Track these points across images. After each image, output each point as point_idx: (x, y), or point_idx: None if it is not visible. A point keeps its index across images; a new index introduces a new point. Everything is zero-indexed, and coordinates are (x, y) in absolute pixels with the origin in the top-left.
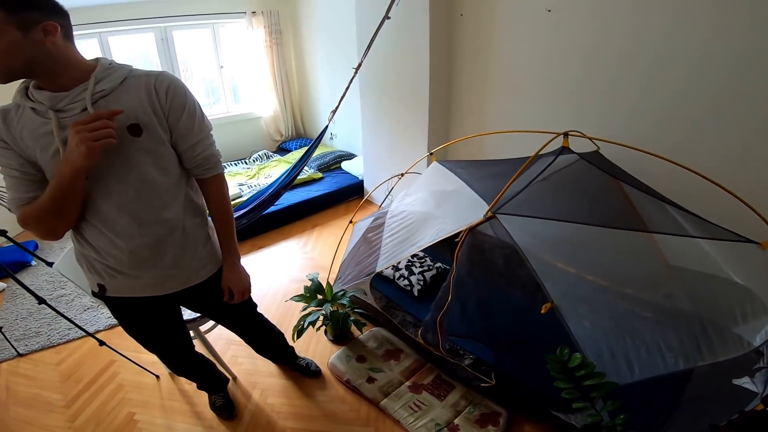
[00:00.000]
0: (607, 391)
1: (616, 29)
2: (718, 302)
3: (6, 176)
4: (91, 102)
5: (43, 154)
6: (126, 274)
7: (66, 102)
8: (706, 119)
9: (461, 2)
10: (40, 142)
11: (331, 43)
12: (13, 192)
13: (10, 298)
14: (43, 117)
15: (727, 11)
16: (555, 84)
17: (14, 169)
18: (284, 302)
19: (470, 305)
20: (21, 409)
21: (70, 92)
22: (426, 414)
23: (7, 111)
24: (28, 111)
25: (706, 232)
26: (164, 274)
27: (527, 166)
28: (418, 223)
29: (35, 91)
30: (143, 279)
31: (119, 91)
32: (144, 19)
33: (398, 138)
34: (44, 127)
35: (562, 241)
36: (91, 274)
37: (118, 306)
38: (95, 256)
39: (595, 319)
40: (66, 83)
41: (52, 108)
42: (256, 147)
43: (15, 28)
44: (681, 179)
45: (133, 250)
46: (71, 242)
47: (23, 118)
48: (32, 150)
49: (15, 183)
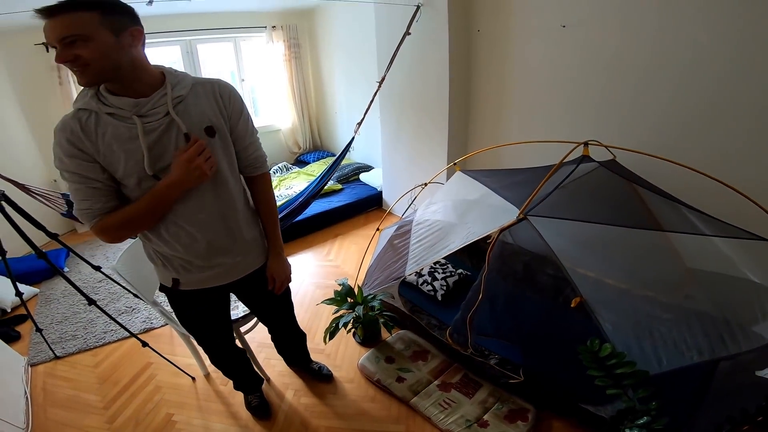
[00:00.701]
0: (638, 380)
1: (629, 43)
2: (737, 302)
3: (84, 187)
4: (172, 107)
5: (127, 160)
6: (200, 266)
7: (148, 107)
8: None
9: (478, 19)
10: (126, 147)
11: (347, 57)
12: (90, 203)
13: (44, 303)
14: (125, 122)
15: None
16: (568, 96)
17: (96, 180)
18: (311, 308)
19: (499, 304)
20: (59, 411)
21: (150, 98)
22: (456, 411)
23: (79, 119)
24: (105, 117)
25: (721, 231)
26: (232, 262)
27: (553, 173)
28: (446, 229)
29: (112, 96)
30: (215, 269)
31: (191, 96)
32: (171, 32)
33: (418, 149)
34: (129, 132)
35: (582, 246)
36: (166, 269)
37: (185, 299)
38: (172, 252)
39: (617, 322)
40: (142, 89)
41: (136, 114)
42: (276, 159)
43: (109, 30)
44: (689, 180)
45: (210, 241)
46: (112, 246)
47: (102, 124)
48: (116, 156)
49: (95, 194)
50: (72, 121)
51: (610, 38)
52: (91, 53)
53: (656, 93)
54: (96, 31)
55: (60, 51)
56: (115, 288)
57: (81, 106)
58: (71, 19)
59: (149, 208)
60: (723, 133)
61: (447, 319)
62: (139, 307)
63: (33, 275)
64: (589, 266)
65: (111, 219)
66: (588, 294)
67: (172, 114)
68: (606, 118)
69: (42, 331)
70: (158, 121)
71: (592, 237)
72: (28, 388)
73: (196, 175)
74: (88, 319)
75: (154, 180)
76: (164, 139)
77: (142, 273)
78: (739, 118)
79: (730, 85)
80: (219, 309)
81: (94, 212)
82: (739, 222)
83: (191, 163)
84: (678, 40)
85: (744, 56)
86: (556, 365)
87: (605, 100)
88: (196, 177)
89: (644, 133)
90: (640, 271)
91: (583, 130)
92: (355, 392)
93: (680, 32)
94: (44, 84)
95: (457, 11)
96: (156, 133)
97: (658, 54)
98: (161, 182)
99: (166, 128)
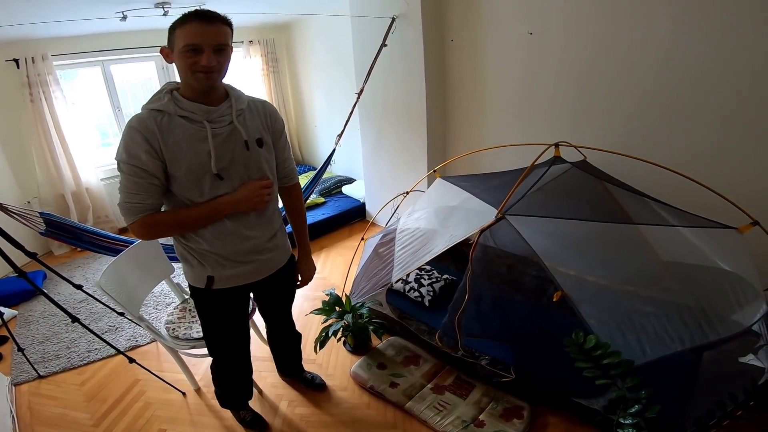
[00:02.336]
0: (625, 369)
1: (586, 47)
2: (713, 291)
3: (144, 182)
4: (236, 117)
5: (193, 158)
6: (237, 262)
7: (217, 115)
8: (671, 121)
9: (451, 29)
10: (194, 147)
11: (325, 70)
12: (143, 197)
13: (24, 324)
14: (195, 125)
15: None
16: (541, 100)
17: (156, 177)
18: (300, 319)
19: (485, 304)
20: (48, 429)
21: (218, 107)
22: (452, 412)
23: (155, 118)
24: (178, 119)
25: (688, 222)
26: (266, 258)
27: (527, 174)
28: (428, 235)
29: (188, 101)
30: (249, 264)
31: (248, 111)
32: (145, 48)
33: (398, 159)
34: (198, 134)
35: (562, 245)
36: (202, 267)
37: (216, 299)
38: (210, 248)
39: (600, 317)
40: (214, 99)
41: (207, 120)
42: None
43: (231, 45)
44: (658, 177)
45: (254, 237)
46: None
47: (174, 125)
48: (183, 154)
49: (151, 189)
50: (148, 120)
51: (576, 44)
52: (226, 61)
53: (626, 95)
54: (229, 44)
55: (209, 56)
56: (97, 308)
57: (158, 107)
58: (223, 30)
59: (204, 216)
60: (690, 131)
61: (435, 323)
62: (123, 325)
63: (11, 297)
64: (569, 264)
65: (161, 217)
66: (570, 291)
67: (236, 123)
68: (579, 120)
69: (24, 351)
70: (224, 128)
71: (571, 236)
72: (14, 408)
73: (255, 202)
74: (71, 338)
75: (215, 178)
76: (228, 143)
77: (126, 289)
78: (705, 118)
79: (698, 86)
80: (244, 310)
81: (145, 206)
82: (707, 215)
83: (257, 191)
84: (646, 44)
85: (710, 58)
86: (545, 361)
87: (577, 103)
88: (254, 203)
89: (616, 134)
90: (619, 267)
91: (558, 132)
92: (350, 400)
93: (648, 36)
94: (14, 101)
95: (430, 22)
96: (221, 138)
97: (626, 57)
98: (224, 197)
99: (229, 134)
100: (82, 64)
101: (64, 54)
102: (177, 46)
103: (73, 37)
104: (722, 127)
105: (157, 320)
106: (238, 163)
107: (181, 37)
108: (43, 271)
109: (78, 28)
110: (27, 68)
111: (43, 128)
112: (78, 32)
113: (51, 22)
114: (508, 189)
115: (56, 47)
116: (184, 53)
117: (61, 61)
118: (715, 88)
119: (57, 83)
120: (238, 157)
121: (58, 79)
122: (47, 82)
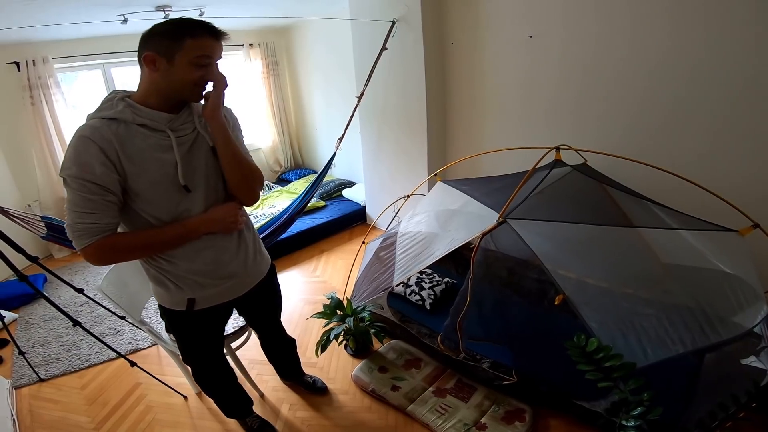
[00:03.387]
0: (627, 371)
1: (586, 50)
2: (713, 293)
3: (99, 199)
4: (198, 123)
5: (158, 169)
6: (220, 278)
7: (178, 123)
8: (671, 124)
9: (451, 32)
10: (158, 157)
11: (325, 74)
12: (97, 216)
13: (24, 327)
14: (156, 134)
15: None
16: (542, 104)
17: (113, 193)
18: (301, 323)
19: (487, 307)
20: None
21: (179, 115)
22: (453, 415)
23: (109, 126)
24: (135, 128)
25: (687, 224)
26: (247, 272)
27: (528, 178)
28: (430, 239)
29: (147, 109)
30: (233, 279)
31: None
32: None
33: (399, 162)
34: (161, 143)
35: (562, 248)
36: (180, 290)
37: (196, 320)
38: (188, 270)
39: (601, 319)
40: (176, 106)
41: (170, 128)
42: None
43: None
44: (658, 180)
45: (230, 252)
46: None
47: (132, 134)
48: (146, 164)
49: (107, 208)
50: (102, 128)
51: (576, 47)
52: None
53: (626, 98)
54: None
55: (215, 71)
56: (98, 311)
57: (112, 116)
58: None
59: (176, 237)
60: (690, 134)
61: (436, 326)
62: (124, 329)
63: (11, 300)
64: (569, 267)
65: (122, 239)
66: (571, 294)
67: (200, 130)
68: (579, 123)
69: (25, 354)
70: (187, 135)
71: (571, 239)
72: (15, 411)
73: (229, 222)
74: (71, 342)
75: (182, 190)
76: (193, 152)
77: (128, 292)
78: (705, 120)
79: (697, 89)
80: (222, 326)
81: (101, 227)
82: (708, 217)
83: (232, 213)
84: (645, 46)
85: (710, 61)
86: (546, 364)
87: (577, 106)
88: (227, 224)
89: (616, 137)
90: (619, 270)
91: (558, 135)
92: (351, 403)
93: (647, 39)
94: (16, 105)
95: (431, 25)
96: (186, 146)
97: (626, 60)
98: (196, 218)
99: (194, 142)
100: (83, 66)
101: (64, 57)
102: (184, 55)
103: (73, 40)
104: (722, 129)
105: (158, 323)
106: (204, 173)
107: (193, 48)
108: (43, 275)
109: (79, 31)
110: (28, 71)
111: (43, 131)
112: (79, 35)
113: (52, 24)
114: (509, 192)
115: (57, 50)
116: (193, 65)
117: (61, 63)
118: (714, 90)
119: (58, 86)
120: (204, 167)
121: (58, 82)
122: (48, 85)
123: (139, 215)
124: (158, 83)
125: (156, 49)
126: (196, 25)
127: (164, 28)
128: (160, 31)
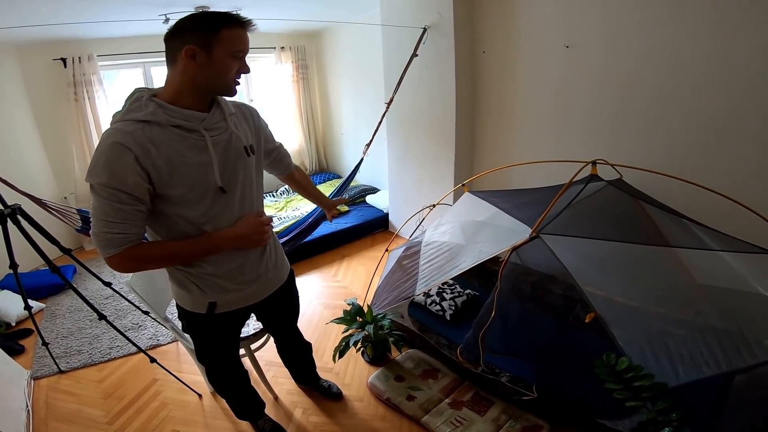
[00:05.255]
0: (657, 392)
1: (626, 61)
2: (750, 316)
3: (129, 209)
4: (231, 123)
5: (196, 174)
6: (243, 282)
7: (212, 122)
8: (716, 140)
9: (483, 40)
10: (197, 158)
11: (354, 79)
12: (125, 227)
13: (50, 317)
14: (194, 135)
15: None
16: (576, 116)
17: (143, 203)
18: (319, 327)
19: (511, 322)
20: (61, 425)
21: (210, 114)
22: (468, 429)
23: (142, 129)
24: (170, 129)
25: (729, 246)
26: (268, 277)
27: (564, 191)
28: (455, 250)
29: (181, 109)
30: (254, 285)
31: (238, 115)
32: None
33: (425, 171)
34: (197, 144)
35: (590, 263)
36: (202, 293)
37: (215, 323)
38: (213, 272)
39: (630, 339)
40: (207, 105)
41: (204, 128)
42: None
43: None
44: (699, 199)
45: (259, 256)
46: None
47: (168, 137)
48: (185, 168)
49: (136, 217)
50: (137, 133)
51: (615, 58)
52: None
53: (668, 111)
54: None
55: (243, 62)
56: (123, 305)
57: (144, 118)
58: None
59: (202, 251)
60: (738, 151)
61: (456, 338)
62: (146, 323)
63: (40, 290)
64: (598, 285)
65: (148, 250)
66: (601, 312)
67: (233, 129)
68: (616, 137)
69: (48, 345)
70: (221, 135)
71: (602, 255)
72: (30, 402)
73: (255, 239)
74: (94, 334)
75: (218, 192)
76: (228, 152)
77: (155, 288)
78: (755, 136)
79: (746, 103)
80: (239, 329)
81: (128, 237)
82: (751, 239)
83: (259, 228)
84: (690, 57)
85: (762, 72)
86: (571, 381)
87: (615, 120)
88: (254, 240)
89: (657, 152)
90: (650, 289)
91: (593, 149)
92: (365, 411)
93: (692, 49)
94: (60, 100)
95: (462, 33)
96: (220, 147)
97: (669, 71)
98: (223, 232)
99: (227, 142)
100: (125, 65)
101: (108, 54)
102: (223, 48)
103: (117, 39)
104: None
105: (179, 322)
106: (239, 173)
107: (231, 40)
108: (73, 266)
109: (122, 30)
110: (73, 67)
111: (84, 127)
112: (122, 34)
113: (98, 22)
114: (541, 206)
115: (101, 48)
116: (232, 57)
117: (105, 61)
118: (762, 103)
119: (100, 83)
120: (238, 167)
121: (101, 80)
122: (91, 82)
123: (170, 217)
124: (196, 78)
125: (195, 42)
126: (228, 17)
127: (198, 22)
128: (193, 24)
